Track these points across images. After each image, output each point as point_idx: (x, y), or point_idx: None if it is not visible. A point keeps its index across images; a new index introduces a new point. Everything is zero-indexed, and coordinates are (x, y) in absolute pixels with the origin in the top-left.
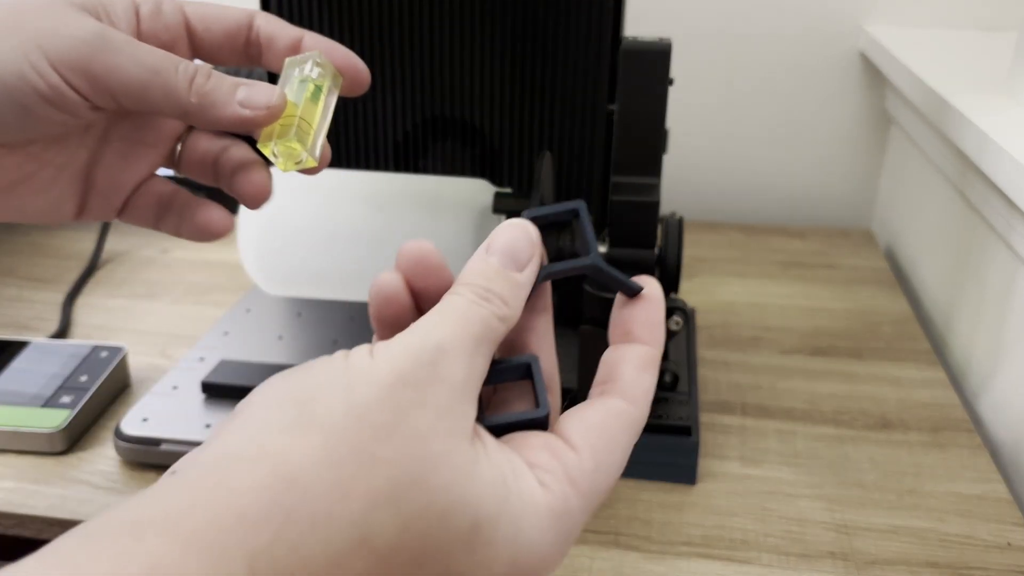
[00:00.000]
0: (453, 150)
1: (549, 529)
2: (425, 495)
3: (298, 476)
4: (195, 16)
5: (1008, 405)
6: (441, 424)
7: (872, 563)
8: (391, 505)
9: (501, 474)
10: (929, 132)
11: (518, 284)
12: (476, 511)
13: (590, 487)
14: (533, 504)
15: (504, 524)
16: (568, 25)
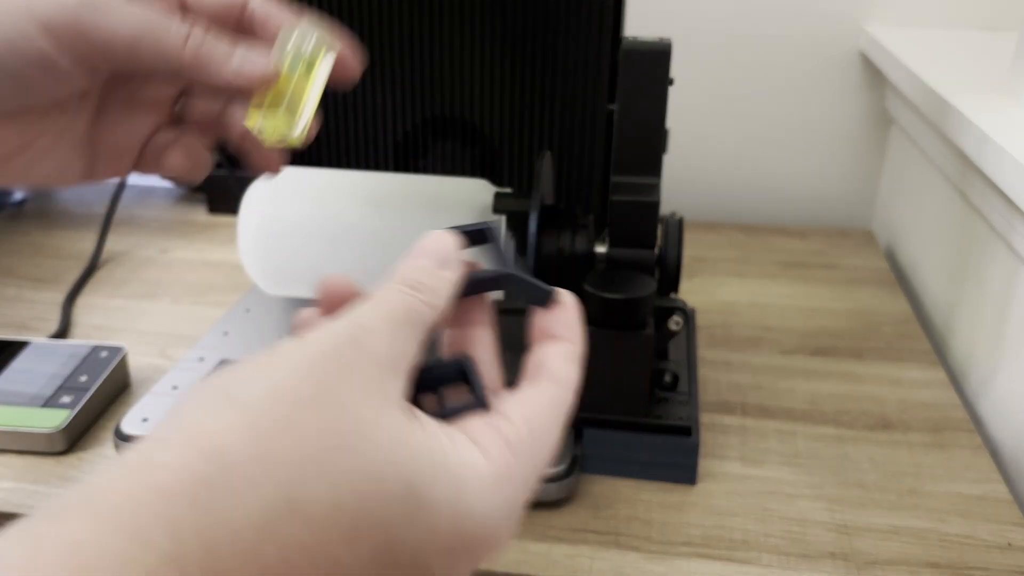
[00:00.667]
0: (453, 150)
1: (492, 496)
2: (355, 459)
3: (219, 449)
4: None
5: (1009, 405)
6: (367, 394)
7: (872, 563)
8: (319, 471)
9: (438, 442)
10: (929, 132)
11: (445, 278)
12: (411, 475)
13: (529, 456)
14: (474, 469)
15: (444, 489)
16: (568, 25)
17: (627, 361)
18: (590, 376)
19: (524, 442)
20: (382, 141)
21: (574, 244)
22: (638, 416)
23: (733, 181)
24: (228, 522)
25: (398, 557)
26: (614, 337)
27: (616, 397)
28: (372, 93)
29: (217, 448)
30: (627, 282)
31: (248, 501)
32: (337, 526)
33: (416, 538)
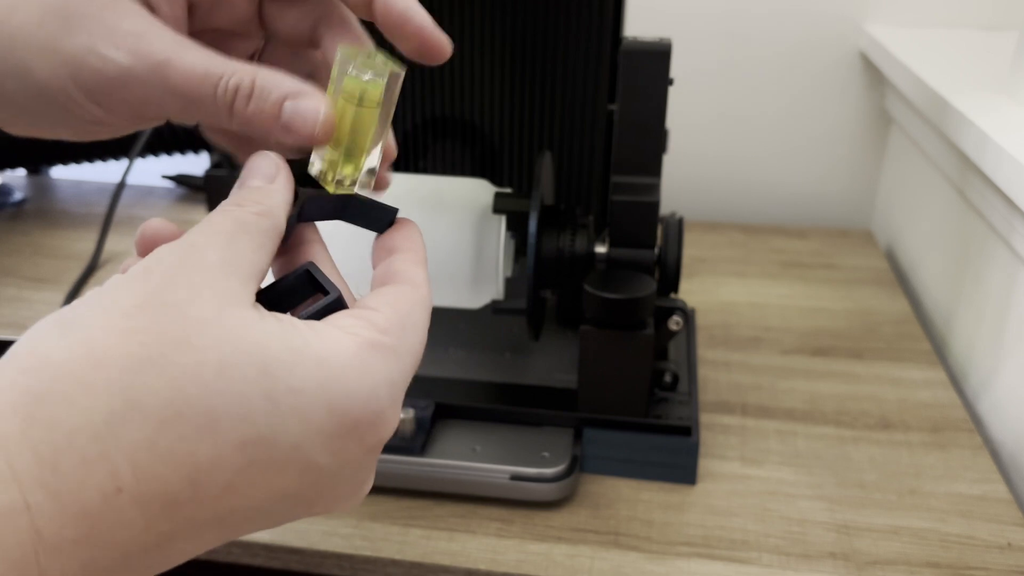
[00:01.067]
0: (453, 150)
1: (365, 371)
2: (196, 353)
3: (48, 362)
4: None
5: (1008, 405)
6: (201, 297)
7: (872, 563)
8: (154, 367)
9: (294, 327)
10: (929, 132)
11: (271, 189)
12: (263, 359)
13: (399, 337)
14: (340, 345)
15: (307, 371)
16: (568, 25)
17: (627, 361)
18: (590, 376)
19: (392, 323)
20: None
21: (574, 244)
22: (638, 416)
23: (733, 181)
24: (64, 432)
25: (273, 452)
26: (614, 337)
27: (616, 397)
28: None
29: (44, 362)
30: (627, 282)
31: (80, 406)
32: (186, 421)
33: (288, 428)
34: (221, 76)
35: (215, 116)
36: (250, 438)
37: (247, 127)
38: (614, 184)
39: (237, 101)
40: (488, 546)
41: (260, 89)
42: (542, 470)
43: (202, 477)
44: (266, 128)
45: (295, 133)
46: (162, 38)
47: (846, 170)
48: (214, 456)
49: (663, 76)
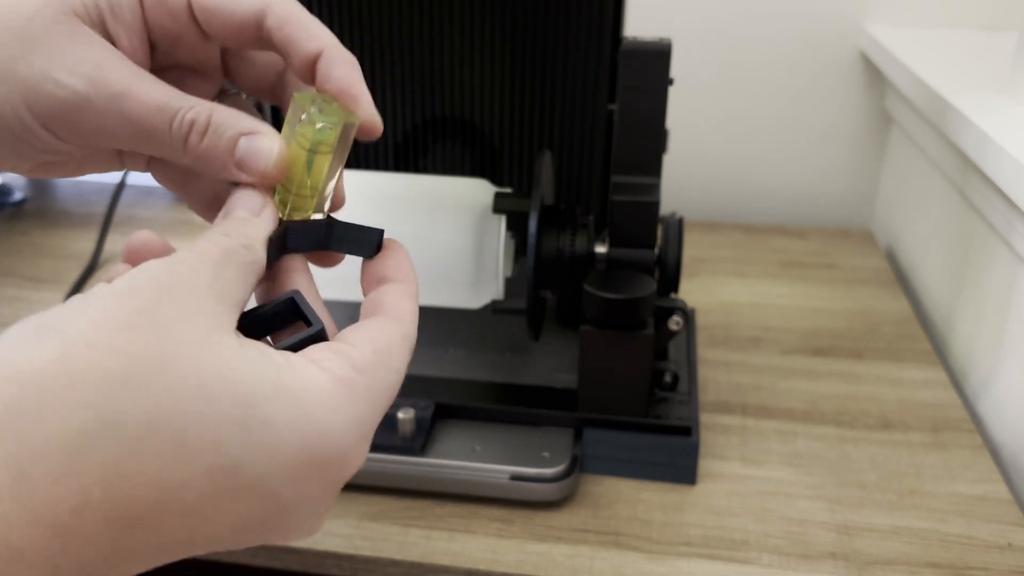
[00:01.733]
0: (453, 150)
1: (337, 410)
2: (178, 376)
3: (28, 375)
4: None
5: (1009, 405)
6: (189, 320)
7: (873, 563)
8: (134, 386)
9: (271, 359)
10: (929, 132)
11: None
12: (241, 388)
13: (373, 377)
14: (315, 383)
15: (282, 404)
16: (568, 25)
17: (627, 361)
18: (590, 376)
19: (370, 365)
20: (382, 141)
21: (574, 244)
22: (638, 416)
23: (733, 181)
24: (37, 445)
25: (238, 480)
26: (614, 337)
27: (616, 397)
28: (372, 93)
29: (25, 372)
30: (627, 282)
31: (57, 422)
32: (160, 442)
33: (256, 459)
34: (178, 110)
35: (168, 150)
36: (219, 465)
37: (200, 163)
38: (614, 184)
39: (192, 136)
40: (488, 546)
41: (216, 125)
42: (542, 470)
43: (169, 497)
44: (219, 164)
45: (248, 170)
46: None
47: (846, 170)
48: (183, 479)
49: (663, 76)
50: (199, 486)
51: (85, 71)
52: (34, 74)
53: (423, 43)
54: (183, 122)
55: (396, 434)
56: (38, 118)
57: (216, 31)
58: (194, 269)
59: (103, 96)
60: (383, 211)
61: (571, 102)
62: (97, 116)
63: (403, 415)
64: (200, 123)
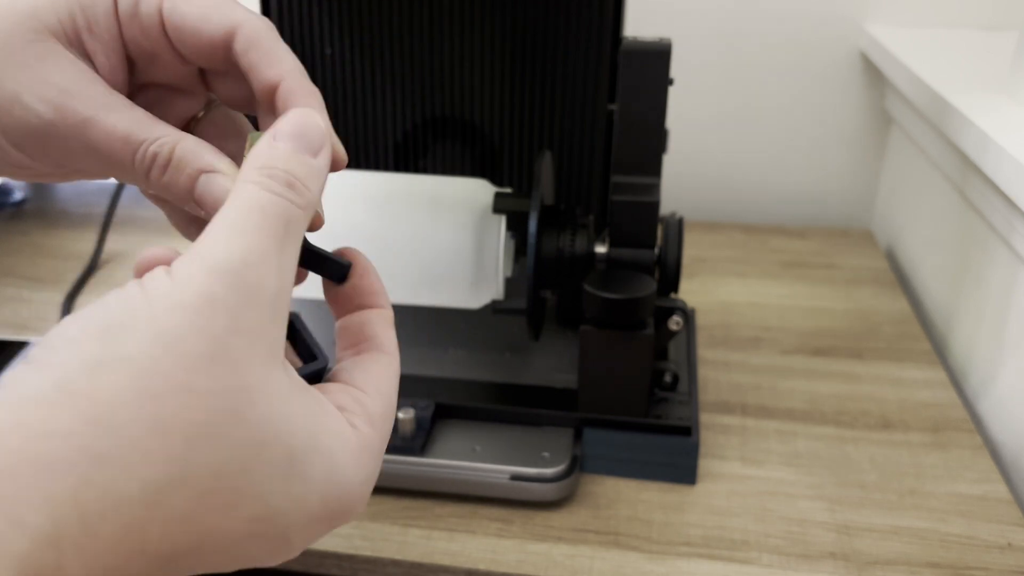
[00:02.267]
0: (453, 150)
1: (358, 467)
2: (244, 428)
3: (110, 416)
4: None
5: (1009, 405)
6: (256, 350)
7: (873, 563)
8: (212, 439)
9: (312, 410)
10: (929, 132)
11: (315, 168)
12: (291, 444)
13: (382, 428)
14: (345, 441)
15: (318, 459)
16: (568, 25)
17: (627, 361)
18: (590, 376)
19: (380, 416)
20: (382, 141)
21: (574, 244)
22: (638, 416)
23: (733, 181)
24: (113, 496)
25: (270, 528)
26: (614, 337)
27: (616, 397)
28: (372, 93)
29: (106, 416)
30: (627, 282)
31: (138, 474)
32: (219, 497)
33: (288, 510)
34: (142, 142)
35: (132, 180)
36: (259, 515)
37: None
38: (614, 184)
39: (153, 169)
40: (488, 546)
41: (178, 160)
42: (542, 470)
43: (207, 541)
44: (180, 199)
45: (205, 208)
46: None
47: (846, 170)
48: (226, 527)
49: (663, 76)
50: (237, 532)
51: (51, 96)
52: (5, 95)
53: (423, 43)
54: (145, 155)
55: (396, 434)
56: (8, 138)
57: (187, 51)
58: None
59: (68, 124)
60: (383, 211)
61: (571, 102)
62: (63, 142)
63: (403, 415)
64: (162, 157)
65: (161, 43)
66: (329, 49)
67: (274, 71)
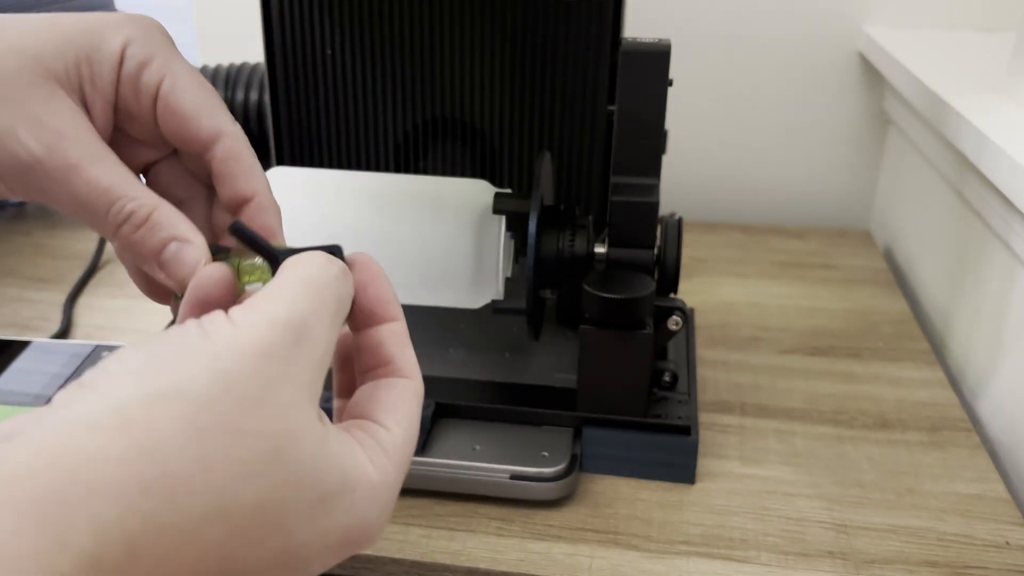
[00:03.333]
0: (453, 150)
1: (377, 503)
2: (284, 468)
3: (160, 448)
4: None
5: (1007, 405)
6: (302, 399)
7: (871, 562)
8: (253, 477)
9: (342, 451)
10: (928, 132)
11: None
12: (323, 483)
13: (402, 459)
14: (367, 479)
15: (344, 498)
16: (568, 25)
17: (626, 361)
18: (590, 376)
19: (399, 450)
20: (382, 141)
21: (574, 244)
22: (637, 416)
23: (732, 181)
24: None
25: (293, 559)
26: (614, 337)
27: (616, 397)
28: (372, 93)
29: (158, 448)
30: (626, 282)
31: (181, 505)
32: (252, 531)
33: (311, 543)
34: (120, 198)
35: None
36: (285, 547)
37: (123, 249)
38: (614, 184)
39: (126, 226)
40: (488, 545)
41: (153, 223)
42: (542, 469)
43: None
44: (142, 258)
45: (170, 274)
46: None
47: (845, 170)
48: (254, 557)
49: (663, 76)
50: (265, 560)
51: (46, 138)
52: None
53: (423, 43)
54: (121, 211)
55: None
56: None
57: (166, 129)
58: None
59: (56, 165)
60: (383, 211)
61: (571, 102)
62: (47, 181)
63: None
64: (138, 216)
65: (147, 111)
66: (329, 49)
67: (250, 186)
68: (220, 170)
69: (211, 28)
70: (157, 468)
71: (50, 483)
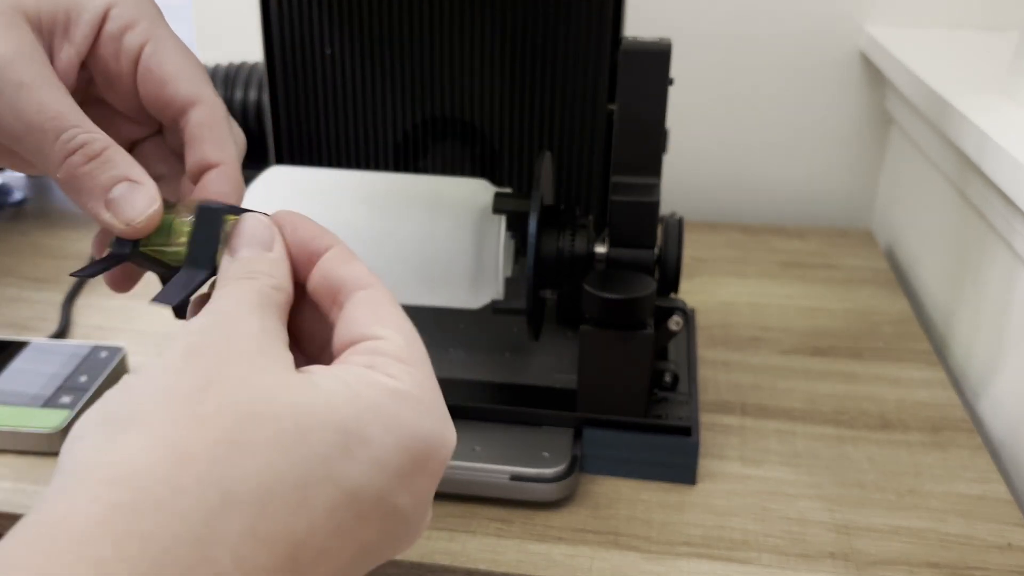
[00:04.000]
0: (453, 150)
1: (418, 408)
2: (272, 424)
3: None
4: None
5: (1008, 405)
6: (256, 366)
7: (872, 563)
8: (241, 451)
9: (342, 380)
10: (929, 132)
11: (273, 259)
12: (334, 416)
13: (418, 355)
14: (383, 391)
15: (367, 417)
16: (568, 25)
17: (627, 361)
18: (590, 376)
19: (407, 348)
20: (382, 141)
21: (574, 244)
22: (638, 416)
23: (733, 181)
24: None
25: (361, 506)
26: (614, 337)
27: (616, 397)
28: (372, 93)
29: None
30: (627, 282)
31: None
32: (280, 498)
33: (370, 478)
34: (74, 127)
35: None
36: (338, 500)
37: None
38: (614, 184)
39: (77, 155)
40: (488, 546)
41: (106, 159)
42: (542, 470)
43: (300, 552)
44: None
45: (116, 214)
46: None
47: (846, 170)
48: (309, 527)
49: (663, 76)
50: (325, 528)
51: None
52: None
53: (423, 43)
54: (74, 139)
55: None
56: None
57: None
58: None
59: (7, 80)
60: (383, 211)
61: (571, 102)
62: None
63: None
64: (92, 149)
65: (127, 73)
66: (329, 49)
67: (218, 154)
68: (192, 134)
69: (211, 27)
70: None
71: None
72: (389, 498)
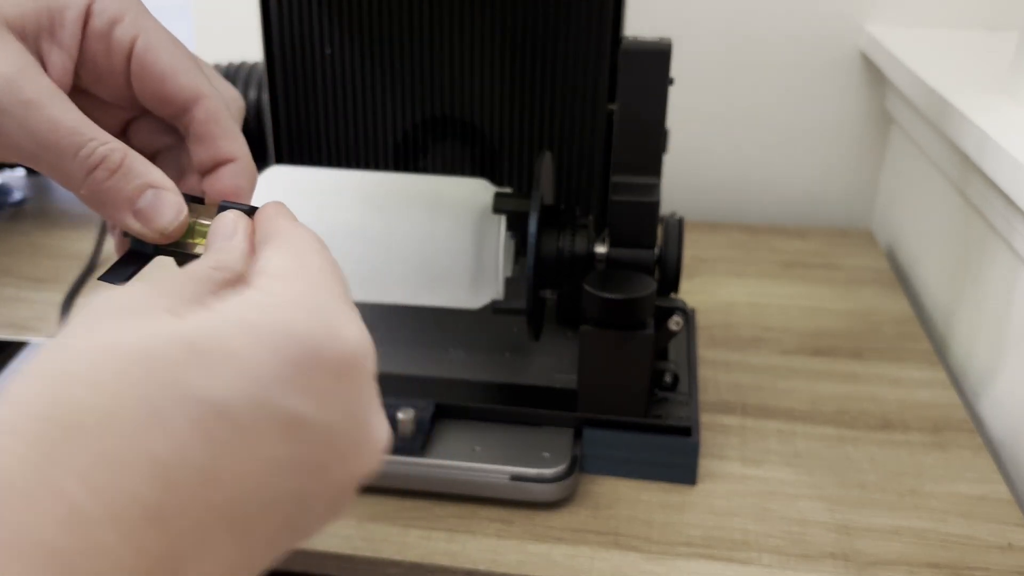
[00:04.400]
0: (453, 150)
1: (291, 310)
2: (118, 359)
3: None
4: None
5: (1009, 405)
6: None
7: (873, 564)
8: (75, 380)
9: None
10: (930, 132)
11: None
12: (187, 336)
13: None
14: (256, 304)
15: (234, 332)
16: (568, 25)
17: (627, 361)
18: (590, 376)
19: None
20: (382, 141)
21: (574, 244)
22: (638, 416)
23: (733, 181)
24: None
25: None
26: (614, 337)
27: (616, 397)
28: (372, 93)
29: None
30: (627, 282)
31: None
32: (124, 420)
33: (239, 389)
34: (90, 140)
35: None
36: (202, 413)
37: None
38: (614, 184)
39: (99, 171)
40: (488, 546)
41: (128, 169)
42: (542, 470)
43: (170, 473)
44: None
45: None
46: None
47: (846, 170)
48: (173, 444)
49: (663, 76)
50: (194, 445)
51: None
52: None
53: (423, 43)
54: (93, 153)
55: (396, 434)
56: None
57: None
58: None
59: (14, 101)
60: (383, 211)
61: (571, 102)
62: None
63: (403, 415)
64: (112, 161)
65: (120, 70)
66: (329, 49)
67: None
68: (201, 132)
69: (210, 26)
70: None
71: None
72: (273, 403)
